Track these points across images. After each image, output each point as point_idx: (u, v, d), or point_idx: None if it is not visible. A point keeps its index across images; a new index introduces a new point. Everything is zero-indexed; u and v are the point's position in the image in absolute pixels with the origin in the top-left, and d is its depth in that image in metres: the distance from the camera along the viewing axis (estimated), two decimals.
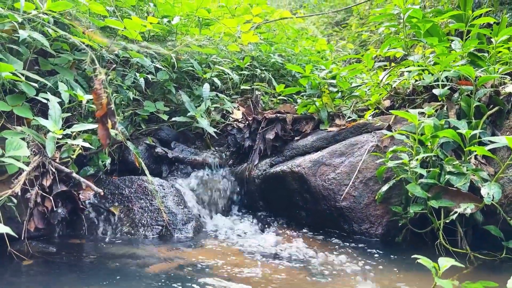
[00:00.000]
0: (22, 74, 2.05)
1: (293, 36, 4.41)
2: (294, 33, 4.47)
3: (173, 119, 2.99)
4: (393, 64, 3.21)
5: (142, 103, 3.02)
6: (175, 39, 3.33)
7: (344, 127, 2.65)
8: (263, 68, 3.80)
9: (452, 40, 2.65)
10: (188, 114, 2.99)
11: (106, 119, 1.38)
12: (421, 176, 2.11)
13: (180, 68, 3.24)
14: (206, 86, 3.05)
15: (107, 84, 1.44)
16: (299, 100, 3.23)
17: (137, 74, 2.77)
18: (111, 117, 1.38)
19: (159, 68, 3.01)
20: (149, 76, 2.92)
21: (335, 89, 2.83)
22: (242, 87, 3.54)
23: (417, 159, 2.10)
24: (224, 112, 3.44)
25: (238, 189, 2.84)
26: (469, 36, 2.71)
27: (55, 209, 2.09)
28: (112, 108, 1.38)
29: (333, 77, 2.91)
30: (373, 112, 2.65)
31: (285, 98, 3.54)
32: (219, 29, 3.38)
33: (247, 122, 3.06)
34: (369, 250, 2.12)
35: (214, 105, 3.36)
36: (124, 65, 2.92)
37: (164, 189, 2.48)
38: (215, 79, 3.21)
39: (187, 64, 3.25)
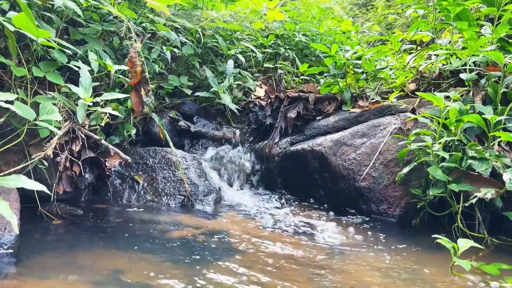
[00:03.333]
0: (55, 42, 2.13)
1: (318, 16, 4.39)
2: (319, 12, 4.44)
3: (196, 94, 3.06)
4: (419, 47, 3.19)
5: (167, 77, 3.10)
6: (200, 14, 3.37)
7: (367, 108, 2.66)
8: (287, 47, 3.81)
9: (482, 25, 2.63)
10: (211, 89, 3.05)
11: (140, 87, 1.44)
12: (443, 159, 2.13)
13: (205, 43, 3.28)
14: (230, 62, 3.10)
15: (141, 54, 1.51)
16: (322, 80, 3.23)
17: (163, 48, 2.82)
18: (145, 85, 1.45)
19: (184, 43, 3.07)
20: (175, 50, 2.98)
21: (359, 70, 2.84)
22: (265, 65, 3.57)
23: (440, 143, 2.12)
24: (246, 89, 3.49)
25: (257, 166, 2.90)
26: (500, 22, 2.68)
27: (83, 174, 2.19)
28: (146, 76, 1.44)
29: (358, 58, 2.91)
30: (398, 94, 2.66)
31: (307, 78, 3.55)
32: (245, 5, 3.40)
33: (269, 100, 3.11)
34: (386, 230, 2.17)
35: (237, 82, 3.41)
36: (150, 38, 2.97)
37: (187, 161, 2.57)
38: (239, 56, 3.25)
39: (212, 40, 3.30)
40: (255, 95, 3.22)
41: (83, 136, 2.15)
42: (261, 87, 3.33)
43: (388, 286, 1.52)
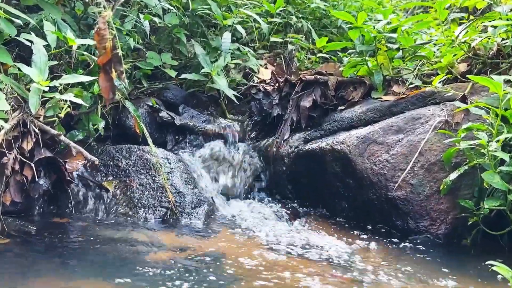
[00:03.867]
0: (0, 8, 2.12)
1: None
2: None
3: (183, 76, 3.06)
4: (472, 17, 3.17)
5: (145, 54, 3.09)
6: None
7: (403, 96, 2.65)
8: (300, 16, 3.80)
9: None
10: (202, 71, 3.04)
11: (110, 68, 1.43)
12: (502, 162, 2.11)
13: (194, 10, 3.27)
14: (227, 35, 3.09)
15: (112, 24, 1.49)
16: (345, 59, 3.24)
17: (141, 16, 2.81)
18: (117, 65, 1.44)
19: (167, 10, 3.06)
20: (155, 19, 2.97)
21: (394, 46, 2.82)
22: (272, 39, 3.56)
23: (498, 141, 2.10)
24: (248, 70, 3.49)
25: (261, 169, 2.91)
26: None
27: (36, 179, 2.18)
28: (119, 54, 1.43)
29: (393, 31, 2.88)
30: (444, 78, 2.64)
31: (327, 56, 3.54)
32: None
33: (276, 85, 3.10)
34: (428, 254, 2.16)
35: (235, 61, 3.40)
36: (124, 4, 2.95)
37: (170, 164, 2.56)
38: (238, 27, 3.24)
39: (203, 6, 3.29)
40: (258, 78, 3.21)
41: (36, 131, 2.14)
42: (266, 68, 3.32)
43: None
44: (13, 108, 2.15)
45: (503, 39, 2.64)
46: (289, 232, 2.34)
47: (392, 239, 2.32)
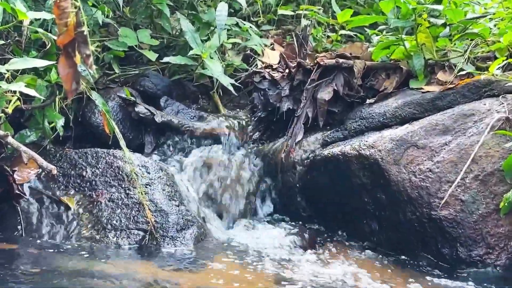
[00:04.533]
0: None
1: None
2: None
3: (165, 60, 3.05)
4: None
5: (116, 30, 3.09)
6: None
7: (451, 85, 2.63)
8: None
9: None
10: (190, 52, 3.03)
11: (74, 50, 1.41)
12: None
13: None
14: (222, 7, 3.08)
15: None
16: (375, 38, 3.23)
17: None
18: (82, 46, 1.42)
19: None
20: None
21: (439, 22, 2.80)
22: (280, 11, 3.57)
23: None
24: (248, 52, 3.52)
25: (267, 180, 2.90)
26: None
27: None
28: (84, 32, 1.42)
29: (437, 1, 2.89)
30: (504, 63, 2.63)
31: (351, 33, 3.54)
32: None
33: (287, 71, 3.08)
34: None
35: (233, 40, 3.42)
36: None
37: (149, 173, 2.55)
38: None
39: None
40: (263, 63, 3.20)
41: None
42: (273, 49, 3.32)
43: None
44: None
45: None
46: (304, 264, 2.32)
47: (437, 272, 2.30)
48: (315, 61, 2.95)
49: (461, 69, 2.72)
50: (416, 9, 2.75)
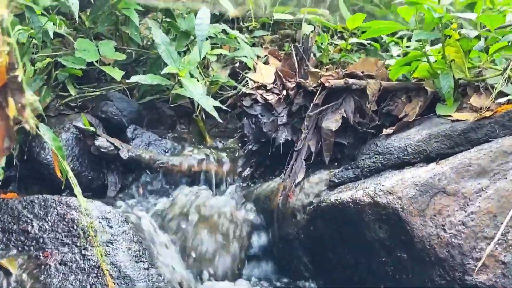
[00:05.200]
0: None
1: None
2: None
3: (133, 79, 3.01)
4: None
5: (72, 43, 3.05)
6: None
7: (488, 113, 2.58)
8: None
9: None
10: (164, 70, 3.00)
11: (6, 99, 1.36)
12: None
13: None
14: (203, 13, 3.05)
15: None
16: (394, 49, 3.22)
17: None
18: (17, 94, 1.37)
19: None
20: None
21: (472, 34, 2.77)
22: (276, 16, 3.55)
23: None
24: (237, 65, 3.53)
25: (261, 231, 2.87)
26: None
27: None
28: (19, 78, 1.37)
29: (469, 6, 2.87)
30: None
31: (364, 42, 3.52)
32: None
33: (284, 93, 3.06)
34: None
35: (218, 51, 3.40)
36: None
37: (112, 227, 2.50)
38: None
39: None
40: (254, 82, 3.17)
41: None
42: (267, 63, 3.28)
43: None
44: None
45: None
46: None
47: None
48: (319, 81, 2.90)
49: (501, 92, 2.67)
50: (443, 18, 2.72)
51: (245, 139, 3.12)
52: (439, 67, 2.81)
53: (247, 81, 3.37)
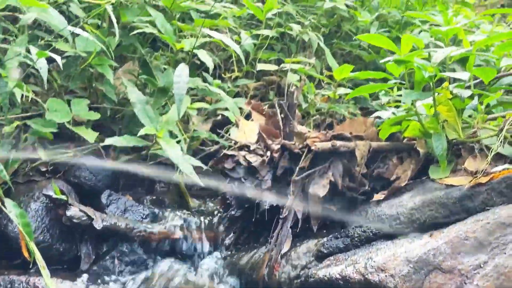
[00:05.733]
0: None
1: None
2: None
3: (107, 142, 2.91)
4: None
5: (41, 103, 2.96)
6: None
7: (484, 177, 2.47)
8: (307, 21, 3.80)
9: None
10: (140, 132, 2.89)
11: None
12: None
13: (127, 26, 3.22)
14: (182, 69, 2.97)
15: None
16: (384, 99, 3.19)
17: (31, 50, 2.66)
18: None
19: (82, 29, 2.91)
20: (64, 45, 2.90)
21: (465, 94, 2.68)
22: (259, 66, 3.48)
23: None
24: (219, 118, 3.46)
25: None
26: None
27: None
28: None
29: (462, 61, 2.83)
30: None
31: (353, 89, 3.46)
32: None
33: (268, 153, 2.97)
34: None
35: (198, 105, 3.37)
36: (12, 22, 2.92)
37: None
38: (201, 54, 3.12)
39: (141, 19, 3.21)
40: (235, 143, 3.11)
41: None
42: (250, 119, 3.19)
43: None
44: None
45: None
46: None
47: None
48: (305, 143, 2.80)
49: (497, 153, 2.57)
50: (434, 76, 2.63)
51: (228, 204, 3.05)
52: (431, 126, 2.73)
53: (230, 138, 3.29)
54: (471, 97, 2.74)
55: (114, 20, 2.79)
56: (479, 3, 6.79)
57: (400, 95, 3.17)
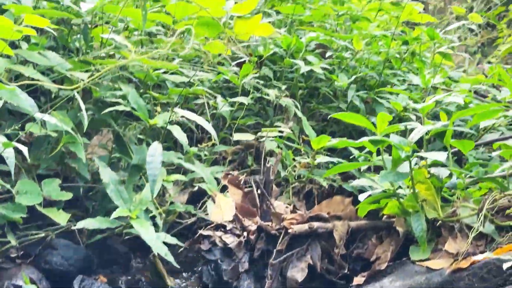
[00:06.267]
0: None
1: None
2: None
3: (79, 225, 2.84)
4: None
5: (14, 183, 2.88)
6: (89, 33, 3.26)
7: (465, 263, 2.46)
8: (284, 86, 3.78)
9: None
10: (114, 215, 2.82)
11: None
12: None
13: (99, 100, 3.18)
14: (155, 148, 2.90)
15: None
16: (361, 160, 3.14)
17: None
18: None
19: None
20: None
21: (443, 174, 2.66)
22: (236, 137, 3.50)
23: None
24: (196, 189, 3.39)
25: None
26: None
27: None
28: None
29: (440, 134, 2.80)
30: None
31: (333, 159, 3.41)
32: (186, 11, 3.25)
33: (244, 234, 2.94)
34: None
35: (174, 178, 3.30)
36: None
37: None
38: (175, 131, 3.07)
39: (115, 94, 3.16)
40: (211, 224, 3.03)
41: None
42: (225, 195, 3.15)
43: None
44: None
45: None
46: None
47: None
48: (282, 224, 2.77)
49: (478, 231, 2.56)
50: (412, 156, 2.59)
51: (206, 283, 2.96)
52: (410, 204, 2.72)
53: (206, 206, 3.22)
54: (450, 175, 2.73)
55: (83, 107, 2.74)
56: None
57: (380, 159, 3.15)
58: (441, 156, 2.60)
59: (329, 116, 3.47)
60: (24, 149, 2.52)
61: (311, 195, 3.37)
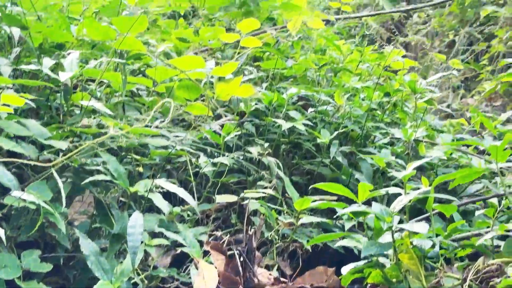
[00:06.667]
0: None
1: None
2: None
3: None
4: None
5: None
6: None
7: None
8: (267, 144, 3.78)
9: None
10: (96, 286, 2.77)
11: None
12: None
13: (79, 167, 3.12)
14: (136, 219, 2.86)
15: None
16: (347, 224, 3.19)
17: None
18: None
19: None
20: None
21: (426, 245, 2.64)
22: (218, 199, 3.47)
23: None
24: (179, 252, 3.33)
25: None
26: None
27: None
28: None
29: (422, 200, 2.80)
30: None
31: (316, 219, 3.38)
32: (166, 74, 3.24)
33: None
34: None
35: (157, 241, 3.22)
36: None
37: None
38: (156, 199, 3.02)
39: (96, 161, 3.13)
40: None
41: None
42: (208, 259, 3.09)
43: None
44: None
45: None
46: None
47: None
48: None
49: None
50: (391, 228, 2.59)
51: None
52: (394, 274, 2.70)
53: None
54: (433, 246, 2.70)
55: (61, 184, 2.71)
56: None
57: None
58: (423, 229, 2.58)
59: (309, 187, 3.44)
60: (1, 232, 2.50)
61: (295, 254, 3.34)
